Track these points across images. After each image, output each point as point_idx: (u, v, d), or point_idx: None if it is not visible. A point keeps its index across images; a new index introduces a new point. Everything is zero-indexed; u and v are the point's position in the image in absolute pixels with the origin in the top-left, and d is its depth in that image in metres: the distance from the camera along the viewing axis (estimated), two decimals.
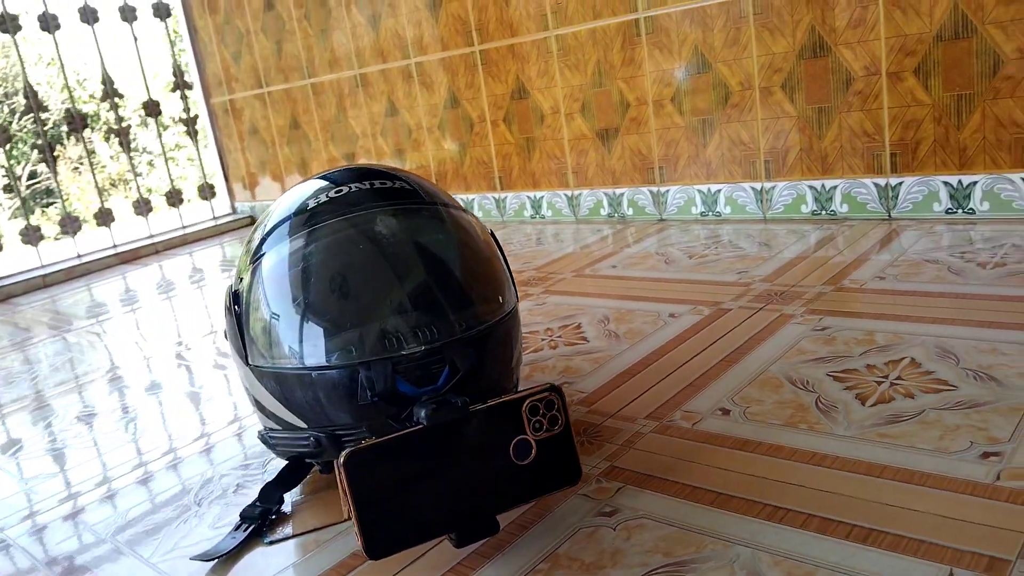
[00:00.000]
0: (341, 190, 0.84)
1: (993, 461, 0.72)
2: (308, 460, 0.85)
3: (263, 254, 0.83)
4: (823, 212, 1.57)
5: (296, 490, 0.88)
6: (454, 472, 0.70)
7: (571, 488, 0.73)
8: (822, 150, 1.54)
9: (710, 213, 1.74)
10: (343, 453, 0.66)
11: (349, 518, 0.67)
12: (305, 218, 0.82)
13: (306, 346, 0.78)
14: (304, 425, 0.79)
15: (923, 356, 0.94)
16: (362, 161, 2.43)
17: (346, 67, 2.37)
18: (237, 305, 0.84)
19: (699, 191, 1.74)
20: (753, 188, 1.66)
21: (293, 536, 0.81)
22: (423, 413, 0.69)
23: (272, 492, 0.85)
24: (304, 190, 0.86)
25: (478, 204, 2.19)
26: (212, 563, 0.78)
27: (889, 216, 1.49)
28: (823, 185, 1.56)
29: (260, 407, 0.84)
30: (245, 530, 0.82)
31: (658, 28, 1.68)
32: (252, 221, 2.95)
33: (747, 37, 1.56)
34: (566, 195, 1.99)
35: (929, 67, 1.37)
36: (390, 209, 0.83)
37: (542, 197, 2.04)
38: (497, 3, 1.92)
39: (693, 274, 1.40)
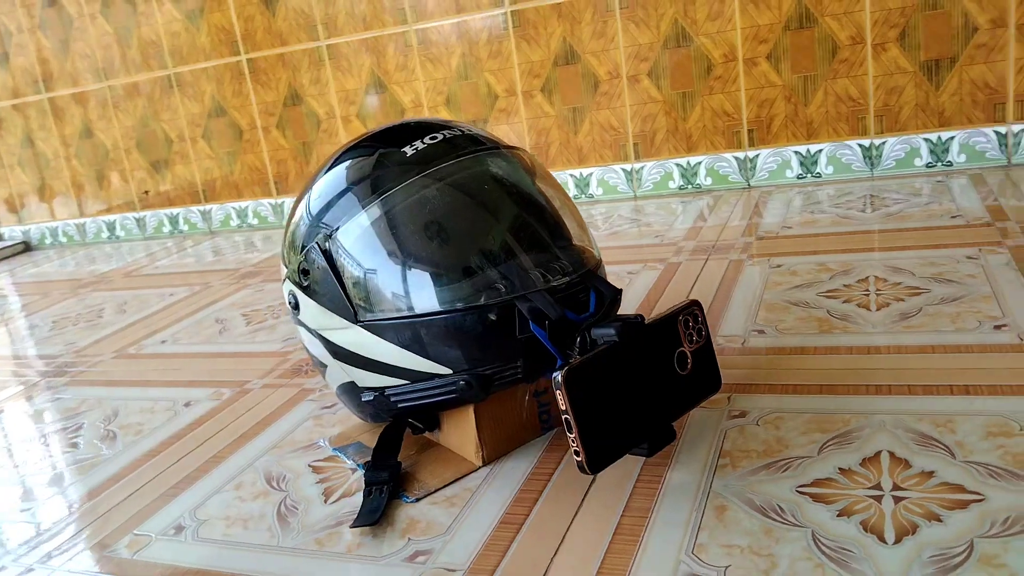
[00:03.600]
0: (436, 136, 0.83)
1: (1006, 331, 0.91)
2: (437, 409, 0.82)
3: (366, 207, 0.79)
4: (689, 186, 1.77)
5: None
6: (640, 385, 0.73)
7: (715, 395, 0.80)
8: (687, 130, 1.73)
9: (583, 195, 1.87)
10: (560, 372, 0.67)
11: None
12: (410, 167, 0.80)
13: (449, 290, 0.77)
14: (448, 371, 0.77)
15: (883, 273, 1.13)
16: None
17: (93, 80, 2.20)
18: (332, 268, 0.79)
19: (571, 174, 1.86)
20: (623, 169, 1.81)
21: (435, 491, 0.78)
22: (611, 331, 0.72)
23: (386, 456, 0.82)
24: (395, 140, 0.84)
25: (252, 211, 2.14)
26: (374, 526, 0.73)
27: (748, 185, 1.72)
28: (688, 162, 1.75)
29: (375, 366, 0.80)
30: (381, 493, 0.77)
31: (427, 40, 1.79)
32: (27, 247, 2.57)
33: (614, 30, 1.71)
34: None
35: (779, 53, 1.62)
36: (485, 153, 0.83)
37: None
38: (264, 14, 1.93)
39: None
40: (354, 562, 0.70)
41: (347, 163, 0.86)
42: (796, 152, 1.67)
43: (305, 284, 0.83)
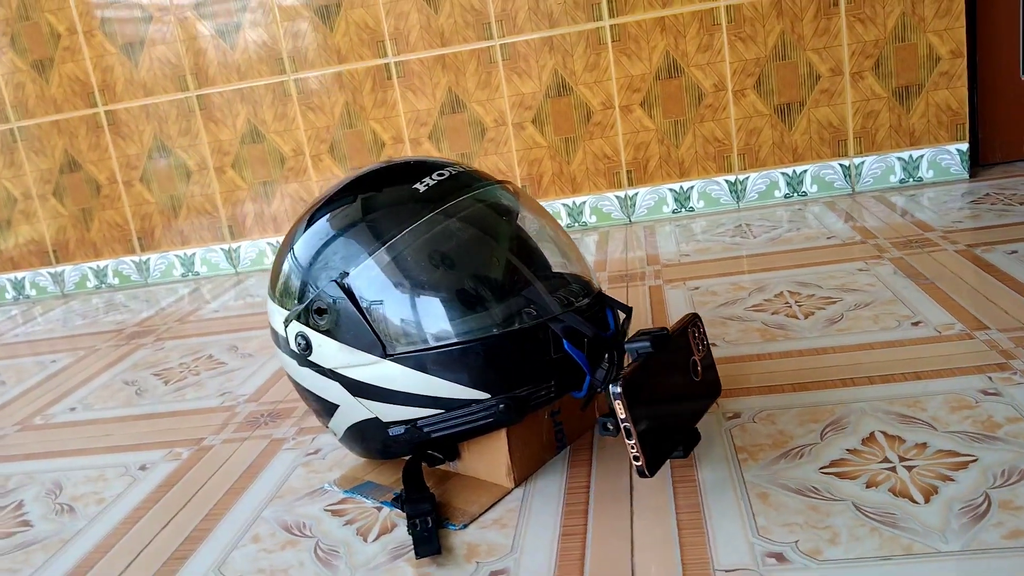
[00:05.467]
0: (443, 173, 0.85)
1: (923, 326, 1.06)
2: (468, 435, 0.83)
3: (390, 241, 0.80)
4: (576, 224, 1.87)
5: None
6: (672, 392, 0.80)
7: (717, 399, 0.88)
8: (571, 173, 1.84)
9: None
10: (617, 382, 0.72)
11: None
12: (426, 202, 0.82)
13: (484, 317, 0.79)
14: (487, 396, 0.79)
15: (793, 288, 1.27)
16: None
17: None
18: (353, 302, 0.80)
19: None
20: None
21: (479, 516, 0.80)
22: (647, 344, 0.77)
23: (420, 488, 0.82)
24: (401, 177, 0.86)
25: (112, 270, 2.04)
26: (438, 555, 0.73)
27: (630, 220, 1.85)
28: (573, 201, 1.86)
29: (405, 399, 0.80)
30: (428, 525, 0.77)
31: (307, 90, 1.83)
32: None
33: (497, 79, 1.80)
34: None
35: (651, 100, 1.77)
36: (490, 187, 0.87)
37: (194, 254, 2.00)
38: (125, 65, 1.88)
39: None
40: None
41: (354, 201, 0.86)
42: (671, 189, 1.82)
43: (321, 324, 0.82)
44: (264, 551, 0.80)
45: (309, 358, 0.84)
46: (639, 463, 0.73)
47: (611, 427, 0.78)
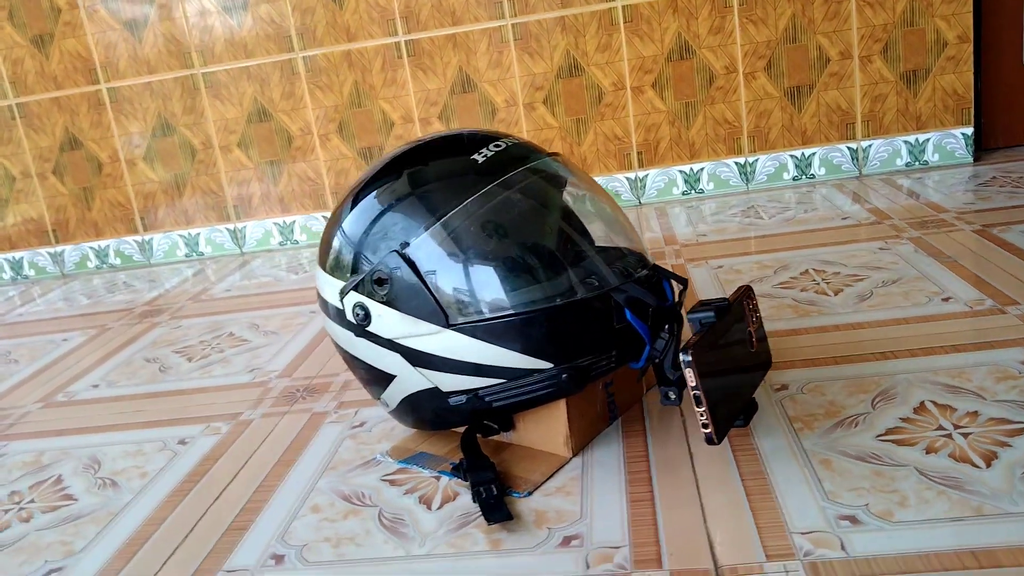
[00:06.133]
0: (500, 145, 0.85)
1: (953, 302, 1.08)
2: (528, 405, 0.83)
3: (453, 211, 0.80)
4: None
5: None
6: (733, 362, 0.81)
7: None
8: (581, 154, 1.84)
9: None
10: (687, 351, 0.73)
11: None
12: (485, 173, 0.82)
13: (548, 287, 0.80)
14: (549, 365, 0.79)
15: (818, 266, 1.28)
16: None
17: None
18: (415, 271, 0.79)
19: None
20: None
21: (542, 483, 0.80)
22: (711, 314, 0.78)
23: (480, 457, 0.82)
24: (457, 149, 0.86)
25: (114, 250, 2.01)
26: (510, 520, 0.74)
27: (639, 202, 1.86)
28: None
29: (466, 368, 0.80)
30: (493, 492, 0.77)
31: (316, 68, 1.81)
32: None
33: (509, 59, 1.80)
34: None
35: (663, 82, 1.78)
36: (542, 160, 0.87)
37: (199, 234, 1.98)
38: (128, 42, 1.85)
39: None
40: (510, 556, 0.70)
41: (412, 171, 0.86)
42: (681, 171, 1.83)
43: (381, 294, 0.82)
44: (326, 520, 0.79)
45: (367, 328, 0.84)
46: (708, 431, 0.74)
47: (673, 396, 0.79)
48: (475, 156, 0.84)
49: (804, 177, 1.81)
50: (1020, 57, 1.75)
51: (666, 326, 0.81)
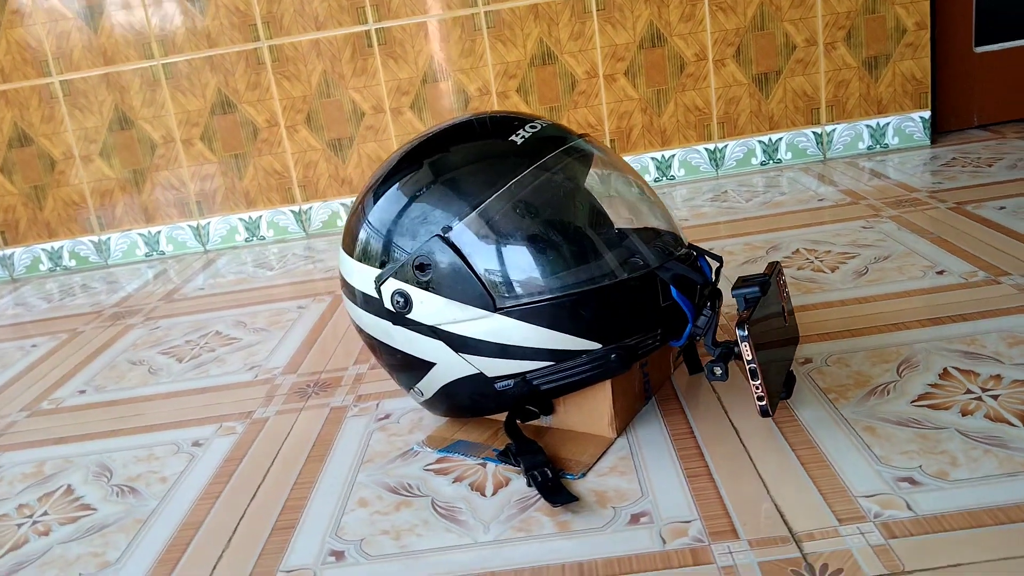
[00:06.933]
0: (536, 126, 0.85)
1: (947, 275, 1.12)
2: (574, 385, 0.82)
3: (497, 193, 0.79)
4: None
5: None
6: (773, 336, 0.82)
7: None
8: None
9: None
10: (743, 326, 0.74)
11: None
12: (525, 154, 0.82)
13: (595, 267, 0.80)
14: (598, 346, 0.79)
15: (808, 246, 1.32)
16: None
17: None
18: (460, 255, 0.79)
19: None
20: None
21: (594, 465, 0.80)
22: (756, 290, 0.79)
23: (527, 442, 0.82)
24: (494, 131, 0.85)
25: (69, 251, 1.93)
26: (574, 503, 0.74)
27: None
28: None
29: (514, 352, 0.80)
30: (548, 476, 0.77)
31: (282, 57, 1.78)
32: None
33: (482, 47, 1.79)
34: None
35: (635, 69, 1.80)
36: (578, 141, 0.87)
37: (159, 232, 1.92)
38: (83, 31, 1.79)
39: None
40: (583, 536, 0.70)
41: (446, 153, 0.85)
42: (653, 158, 1.85)
43: (423, 280, 0.80)
44: (378, 513, 0.78)
45: (408, 316, 0.82)
46: (763, 403, 0.76)
47: (719, 372, 0.80)
48: (513, 138, 0.83)
49: (771, 162, 1.85)
50: (971, 44, 1.83)
51: (708, 303, 0.82)
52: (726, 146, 1.84)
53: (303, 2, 1.75)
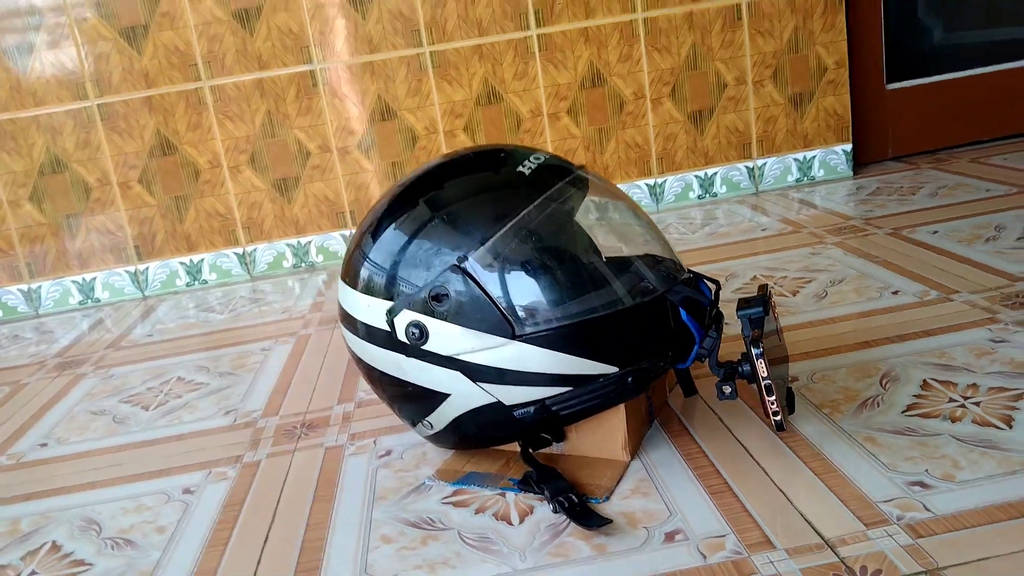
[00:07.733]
0: (539, 158, 0.87)
1: (901, 295, 1.20)
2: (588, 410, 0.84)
3: (512, 221, 0.81)
4: None
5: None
6: (775, 354, 0.86)
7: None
8: None
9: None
10: (757, 344, 0.77)
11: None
12: (533, 185, 0.84)
13: (611, 291, 0.82)
14: (615, 369, 0.81)
15: (761, 271, 1.38)
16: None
17: None
18: (478, 284, 0.80)
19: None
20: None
21: (615, 488, 0.82)
22: (759, 310, 0.83)
23: (547, 469, 0.82)
24: (499, 162, 0.87)
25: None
26: (606, 525, 0.75)
27: None
28: None
29: (533, 379, 0.80)
30: (577, 504, 0.78)
31: (225, 97, 1.78)
32: None
33: (428, 87, 1.80)
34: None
35: (577, 108, 1.85)
36: (578, 172, 0.90)
37: (94, 278, 1.87)
38: (10, 71, 1.74)
39: None
40: (622, 557, 0.71)
41: (453, 183, 0.86)
42: None
43: (440, 310, 0.81)
44: (406, 549, 0.77)
45: (423, 347, 0.82)
46: (778, 418, 0.79)
47: (728, 391, 0.83)
48: (520, 169, 0.85)
49: (708, 195, 1.93)
50: (882, 81, 1.97)
51: (712, 325, 0.85)
52: (665, 181, 1.91)
53: (245, 42, 1.73)
